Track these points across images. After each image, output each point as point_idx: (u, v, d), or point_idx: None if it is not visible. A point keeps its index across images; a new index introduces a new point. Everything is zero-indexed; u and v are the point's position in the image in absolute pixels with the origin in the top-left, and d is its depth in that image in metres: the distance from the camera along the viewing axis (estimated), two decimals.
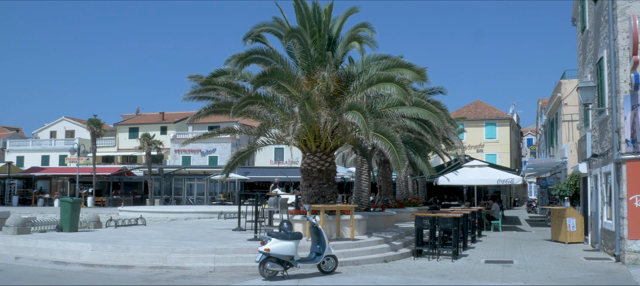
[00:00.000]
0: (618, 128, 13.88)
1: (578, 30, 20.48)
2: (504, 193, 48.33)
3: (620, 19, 13.94)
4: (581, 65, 20.01)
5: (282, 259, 11.19)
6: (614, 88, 14.05)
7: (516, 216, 35.48)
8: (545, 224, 26.72)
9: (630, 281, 11.38)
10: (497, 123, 52.50)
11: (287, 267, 11.38)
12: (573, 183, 21.75)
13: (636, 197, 13.48)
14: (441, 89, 22.68)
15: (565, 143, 26.00)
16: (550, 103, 33.51)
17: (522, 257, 14.94)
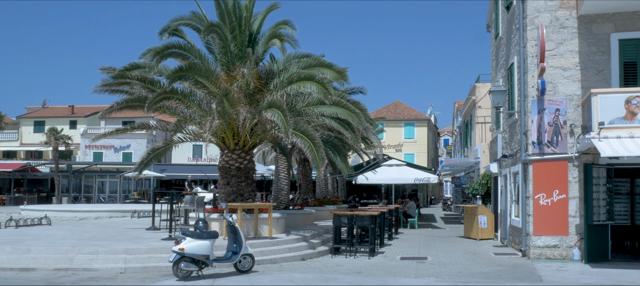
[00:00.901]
0: (526, 130, 14.57)
1: (492, 37, 21.37)
2: (421, 192, 49.79)
3: (529, 28, 14.64)
4: (494, 70, 20.89)
5: (197, 259, 10.89)
6: (523, 93, 14.73)
7: (432, 214, 36.58)
8: (459, 221, 27.70)
9: (533, 274, 11.95)
10: (416, 124, 54.03)
11: (203, 267, 11.09)
12: (485, 182, 22.67)
13: (541, 196, 14.20)
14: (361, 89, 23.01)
15: (479, 144, 27.06)
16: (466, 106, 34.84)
17: (436, 253, 15.37)
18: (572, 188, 14.06)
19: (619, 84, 13.94)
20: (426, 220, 29.80)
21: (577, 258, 13.80)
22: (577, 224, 13.99)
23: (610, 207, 14.00)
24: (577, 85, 14.21)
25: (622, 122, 12.77)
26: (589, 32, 14.26)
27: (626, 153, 11.78)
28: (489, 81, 26.38)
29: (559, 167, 14.12)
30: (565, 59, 14.31)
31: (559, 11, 14.45)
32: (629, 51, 14.04)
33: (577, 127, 14.06)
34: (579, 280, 11.36)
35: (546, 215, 14.14)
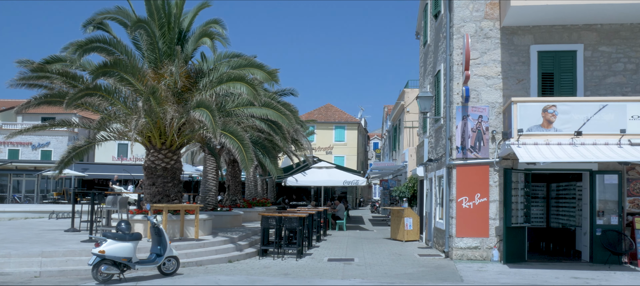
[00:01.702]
0: (450, 136, 15.05)
1: (421, 44, 21.94)
2: (351, 194, 50.40)
3: (456, 37, 15.13)
4: (422, 76, 21.45)
5: (119, 261, 10.52)
6: (449, 100, 15.20)
7: (361, 216, 37.08)
8: (386, 223, 28.21)
9: (455, 275, 12.34)
10: (346, 127, 54.67)
11: (124, 270, 10.73)
12: (411, 185, 23.21)
13: (464, 199, 14.69)
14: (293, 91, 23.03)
15: (406, 148, 27.70)
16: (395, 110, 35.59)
17: (363, 255, 15.58)
18: (492, 192, 14.64)
19: (538, 93, 14.65)
20: (355, 222, 30.16)
21: (496, 259, 14.36)
22: (497, 226, 14.57)
23: (527, 210, 14.68)
24: (499, 94, 14.82)
25: (540, 129, 13.43)
26: (511, 43, 14.91)
27: (542, 159, 12.39)
28: (417, 87, 27.06)
29: (481, 171, 14.67)
30: (488, 67, 14.89)
31: (484, 22, 15.02)
32: (547, 62, 14.78)
33: (498, 134, 14.66)
34: (497, 279, 11.82)
35: (468, 218, 14.65)
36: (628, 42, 14.71)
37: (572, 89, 14.64)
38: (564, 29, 14.82)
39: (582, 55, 14.74)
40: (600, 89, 14.62)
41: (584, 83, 14.66)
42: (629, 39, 14.71)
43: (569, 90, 14.63)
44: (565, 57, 14.77)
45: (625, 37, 14.73)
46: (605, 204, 14.27)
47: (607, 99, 13.56)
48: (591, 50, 14.75)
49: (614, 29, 14.76)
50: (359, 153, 56.07)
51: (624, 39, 14.73)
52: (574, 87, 14.66)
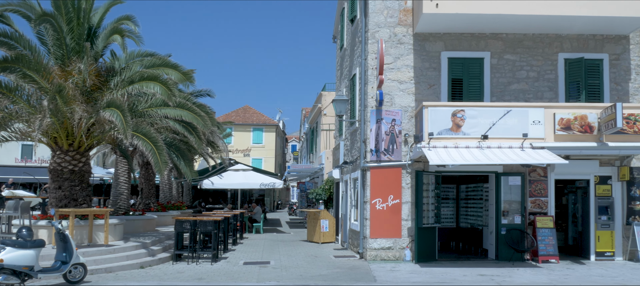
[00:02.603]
0: (365, 138, 15.35)
1: (338, 47, 22.24)
2: (268, 197, 50.24)
3: (371, 41, 15.46)
4: (339, 80, 21.75)
5: (19, 270, 9.90)
6: (363, 103, 15.51)
7: (278, 219, 37.04)
8: (303, 226, 28.32)
9: (369, 275, 12.58)
10: (264, 129, 54.47)
11: (25, 279, 10.11)
12: (328, 187, 23.43)
13: (378, 200, 15.02)
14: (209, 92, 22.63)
15: (323, 151, 27.96)
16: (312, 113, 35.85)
17: (279, 258, 15.56)
18: (405, 194, 15.07)
19: (448, 98, 15.25)
20: (272, 225, 30.09)
21: (408, 259, 14.79)
22: (409, 227, 15.00)
23: (438, 210, 15.23)
24: (411, 98, 15.29)
25: (449, 133, 13.98)
26: (423, 49, 15.44)
27: (451, 161, 12.89)
28: (334, 90, 27.41)
29: (394, 173, 15.06)
30: (401, 72, 15.33)
31: (397, 28, 15.45)
32: (456, 69, 15.42)
33: (411, 137, 15.13)
34: (409, 279, 12.17)
35: (382, 219, 14.99)
36: (531, 51, 15.62)
37: (480, 95, 15.36)
38: (472, 37, 15.52)
39: (489, 63, 15.50)
40: (505, 95, 15.43)
41: (490, 89, 15.43)
42: (532, 49, 15.63)
43: (476, 95, 15.34)
44: (473, 63, 15.47)
45: (528, 46, 15.64)
46: (509, 204, 15.06)
47: (511, 105, 14.33)
48: (497, 58, 15.54)
49: (518, 38, 15.64)
50: (277, 155, 56.04)
51: (527, 48, 15.63)
52: (482, 92, 15.38)
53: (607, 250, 15.27)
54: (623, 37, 15.81)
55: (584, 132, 14.19)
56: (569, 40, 15.71)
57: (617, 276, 12.66)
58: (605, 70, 15.71)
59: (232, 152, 48.50)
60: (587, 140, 14.20)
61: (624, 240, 15.39)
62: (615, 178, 15.45)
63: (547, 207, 15.27)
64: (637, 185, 15.42)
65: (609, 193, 15.39)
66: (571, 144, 14.14)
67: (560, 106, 14.47)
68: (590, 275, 12.80)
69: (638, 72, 15.84)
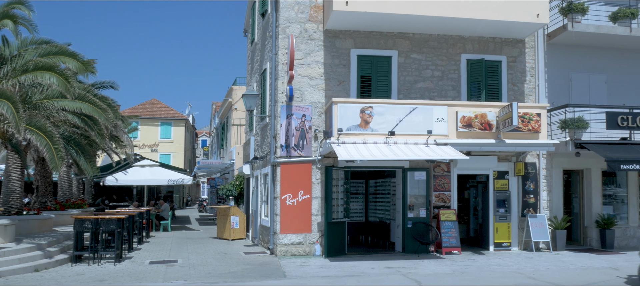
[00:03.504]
0: (275, 134, 15.27)
1: (249, 41, 21.98)
2: (177, 193, 48.98)
3: (281, 37, 15.38)
4: (249, 74, 21.51)
5: None
6: (274, 98, 15.42)
7: (187, 216, 36.21)
8: (213, 223, 27.85)
9: (279, 270, 12.54)
10: (173, 123, 52.93)
11: None
12: (238, 183, 23.18)
13: (288, 196, 15.00)
14: (112, 84, 21.62)
15: (234, 146, 27.60)
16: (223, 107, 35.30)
17: (187, 256, 15.17)
18: (315, 189, 15.15)
19: (357, 95, 15.48)
20: (181, 222, 29.36)
21: (318, 254, 14.89)
22: (319, 222, 15.10)
23: (347, 205, 15.44)
24: (321, 94, 15.38)
25: (358, 129, 14.19)
26: (333, 45, 15.57)
27: (359, 157, 13.10)
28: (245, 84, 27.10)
29: (304, 169, 15.09)
30: (312, 68, 15.38)
31: (308, 24, 15.48)
32: (365, 66, 15.69)
33: (321, 133, 15.22)
34: (318, 273, 12.25)
35: (292, 215, 14.99)
36: (436, 51, 16.18)
37: (388, 92, 15.72)
38: (381, 35, 15.85)
39: (397, 61, 15.90)
40: (411, 93, 15.89)
41: (398, 87, 15.83)
42: (437, 49, 16.20)
43: (384, 92, 15.68)
44: (382, 61, 15.80)
45: (433, 46, 16.19)
46: (415, 198, 15.54)
47: (417, 102, 14.77)
48: (404, 57, 15.97)
49: (424, 38, 16.15)
50: (186, 150, 54.69)
51: (433, 48, 16.18)
52: (389, 90, 15.75)
53: (504, 240, 16.14)
54: (520, 41, 16.74)
55: (483, 129, 14.89)
56: (471, 42, 16.43)
57: (512, 265, 13.41)
58: (503, 72, 16.58)
59: (139, 147, 46.77)
60: (487, 137, 14.93)
61: (519, 231, 16.33)
62: (512, 173, 16.36)
63: (450, 201, 15.91)
64: (531, 180, 16.41)
65: (506, 187, 16.27)
66: (472, 141, 14.80)
67: (463, 104, 15.10)
68: (489, 265, 13.47)
69: (533, 74, 16.84)
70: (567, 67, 17.29)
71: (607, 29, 16.61)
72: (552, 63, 17.09)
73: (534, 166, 16.45)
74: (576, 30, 16.28)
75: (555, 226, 16.32)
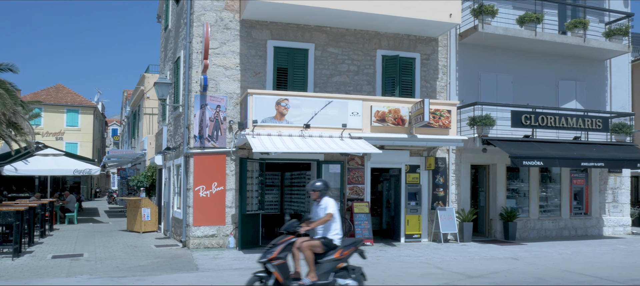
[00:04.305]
0: (188, 124, 14.90)
1: (162, 28, 21.29)
2: (85, 184, 46.83)
3: (196, 24, 14.99)
4: (163, 62, 20.86)
5: None
6: (187, 88, 15.02)
7: (96, 208, 34.77)
8: (124, 215, 26.89)
9: (191, 263, 12.27)
10: (80, 111, 50.41)
11: None
12: (150, 174, 22.48)
13: (201, 188, 14.70)
14: (11, 66, 20.10)
15: (146, 136, 26.74)
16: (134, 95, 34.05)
17: (94, 249, 14.53)
18: (229, 181, 14.94)
19: (273, 87, 15.38)
20: (89, 215, 28.11)
21: (232, 246, 14.71)
22: (233, 214, 14.92)
23: (262, 197, 15.35)
24: (237, 85, 15.16)
25: (273, 121, 14.12)
26: (250, 36, 15.37)
27: (274, 149, 13.03)
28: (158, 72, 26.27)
29: (218, 160, 14.84)
30: (227, 58, 15.11)
31: (224, 12, 15.18)
32: (282, 58, 15.61)
33: (235, 124, 15.01)
34: (231, 265, 12.10)
35: (205, 206, 14.71)
36: (352, 45, 16.37)
37: (304, 85, 15.74)
38: (298, 27, 15.82)
39: (314, 54, 15.94)
40: (327, 86, 15.99)
41: (314, 80, 15.88)
42: (353, 43, 16.39)
43: (301, 85, 15.69)
44: (298, 54, 15.79)
45: (350, 41, 16.37)
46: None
47: (333, 96, 14.89)
48: (321, 50, 16.04)
49: (341, 32, 16.29)
50: (95, 139, 52.32)
51: (349, 42, 16.36)
52: (306, 82, 15.78)
53: (415, 232, 16.66)
54: (433, 39, 17.28)
55: (397, 124, 15.26)
56: (386, 38, 16.76)
57: (421, 256, 13.86)
58: (417, 68, 17.05)
59: (42, 135, 44.22)
60: (400, 132, 15.31)
61: (429, 223, 16.91)
62: (423, 167, 16.90)
63: (364, 194, 16.20)
64: (441, 174, 17.02)
65: (418, 181, 16.78)
66: (385, 135, 15.13)
67: (377, 99, 15.39)
68: (400, 255, 13.85)
69: (445, 72, 17.44)
70: (477, 66, 18.06)
71: (515, 32, 17.49)
72: (463, 62, 17.78)
73: (444, 161, 17.08)
74: (486, 31, 17.02)
75: (462, 218, 17.03)
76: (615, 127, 18.36)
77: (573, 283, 10.63)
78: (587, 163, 16.66)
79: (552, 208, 19.14)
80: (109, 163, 35.13)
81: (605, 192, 19.79)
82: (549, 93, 19.01)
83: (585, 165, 16.70)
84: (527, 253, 14.65)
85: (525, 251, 15.02)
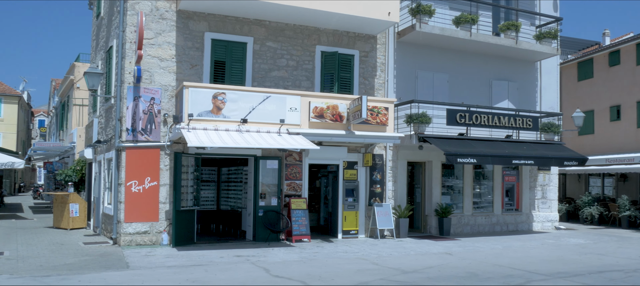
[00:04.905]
0: (121, 116, 14.33)
1: (94, 15, 20.44)
2: (8, 178, 44.51)
3: (130, 13, 14.43)
4: (94, 51, 20.02)
5: None
6: (120, 79, 14.44)
7: (20, 203, 33.17)
8: (50, 211, 25.71)
9: (121, 261, 11.81)
10: (3, 100, 47.75)
11: None
12: (80, 168, 21.57)
13: (133, 183, 14.18)
14: None
15: (75, 128, 25.67)
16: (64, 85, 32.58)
17: (16, 247, 13.75)
18: (163, 176, 14.49)
19: (210, 80, 15.03)
20: (11, 210, 26.72)
21: (166, 243, 14.28)
22: (167, 210, 14.48)
23: (197, 193, 14.98)
24: (172, 77, 14.71)
25: (210, 115, 13.78)
26: (187, 27, 14.94)
27: (210, 144, 12.72)
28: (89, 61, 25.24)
29: (152, 154, 14.36)
30: (163, 49, 14.63)
31: (160, 2, 14.69)
32: (220, 51, 15.27)
33: (170, 117, 14.56)
34: (164, 262, 11.73)
35: (138, 202, 14.21)
36: (291, 40, 16.22)
37: (242, 79, 15.46)
38: (237, 20, 15.52)
39: (252, 48, 15.69)
40: (266, 81, 15.78)
41: (252, 74, 15.63)
42: (293, 38, 16.25)
43: (239, 79, 15.41)
44: (237, 47, 15.49)
45: (289, 36, 16.21)
46: (267, 187, 15.50)
47: (271, 91, 14.70)
48: (260, 44, 15.81)
49: (281, 27, 16.10)
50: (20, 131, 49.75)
51: (289, 37, 16.20)
52: (244, 76, 15.51)
53: (352, 228, 16.73)
54: (372, 36, 17.38)
55: (335, 120, 15.24)
56: (326, 34, 16.71)
57: (358, 252, 13.92)
58: (356, 65, 17.10)
59: None
60: (338, 129, 15.31)
61: (366, 220, 17.02)
62: (361, 164, 16.98)
63: (301, 190, 16.11)
64: (378, 170, 17.16)
65: (355, 178, 16.85)
66: (324, 131, 15.09)
67: (315, 95, 15.31)
68: (336, 252, 13.85)
69: (383, 70, 17.59)
70: (415, 65, 18.32)
71: (451, 32, 17.84)
72: (401, 60, 17.99)
73: (381, 157, 17.23)
74: (423, 30, 17.28)
75: (399, 215, 17.25)
76: (545, 127, 19.09)
77: (503, 276, 10.93)
78: (518, 161, 17.23)
79: (485, 205, 19.71)
80: (34, 156, 33.56)
81: (535, 188, 20.57)
82: (483, 93, 19.54)
83: (516, 162, 17.26)
84: (461, 248, 14.99)
85: (459, 247, 15.37)
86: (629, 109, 25.44)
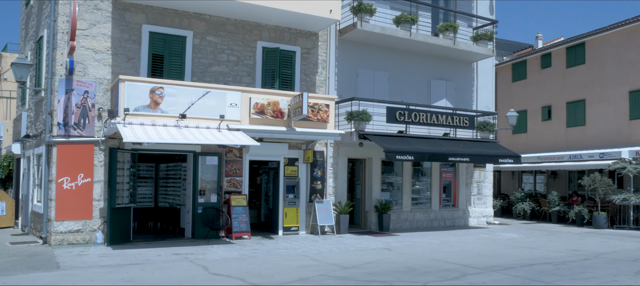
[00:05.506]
0: (51, 110, 13.73)
1: (23, 3, 19.52)
2: None
3: (62, 2, 13.84)
4: (23, 40, 19.12)
5: None
6: (51, 70, 13.84)
7: None
8: None
9: (52, 261, 11.31)
10: None
11: None
12: (7, 164, 20.60)
13: (65, 179, 13.63)
14: None
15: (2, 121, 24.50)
16: None
17: None
18: (97, 172, 13.99)
19: (148, 74, 14.62)
20: None
21: (100, 242, 13.81)
22: (101, 208, 14.00)
23: (133, 190, 14.55)
24: (108, 70, 14.22)
25: (147, 110, 13.40)
26: (123, 19, 14.47)
27: (147, 139, 12.37)
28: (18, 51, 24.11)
29: (85, 150, 13.84)
30: (97, 41, 14.12)
31: None
32: (158, 44, 14.88)
33: (105, 111, 14.08)
34: (98, 262, 11.32)
35: (70, 200, 13.67)
36: (232, 35, 16.00)
37: (181, 73, 15.13)
38: (176, 13, 15.16)
39: (192, 42, 15.37)
40: (206, 76, 15.51)
41: (192, 68, 15.32)
42: (234, 33, 16.03)
43: (177, 73, 15.07)
44: (176, 41, 15.14)
45: (230, 30, 15.98)
46: (207, 184, 15.24)
47: (211, 86, 14.45)
48: (200, 39, 15.51)
49: (221, 21, 15.85)
50: None
51: (229, 32, 15.97)
52: (183, 71, 15.18)
53: (293, 225, 16.69)
54: (313, 34, 17.38)
55: (276, 117, 15.16)
56: (267, 30, 16.58)
57: (298, 248, 13.89)
58: (297, 62, 17.06)
59: None
60: (279, 125, 15.23)
61: (307, 216, 17.03)
62: (302, 161, 16.97)
63: (241, 186, 15.93)
64: (319, 167, 17.20)
65: (296, 174, 16.82)
66: (264, 128, 14.97)
67: (256, 91, 15.17)
68: (277, 248, 13.78)
69: (324, 67, 17.62)
70: (356, 62, 18.46)
71: (391, 31, 18.07)
72: (342, 58, 18.08)
73: (322, 154, 17.27)
74: (364, 29, 17.43)
75: (339, 211, 17.34)
76: (480, 125, 19.66)
77: (439, 270, 11.16)
78: (454, 158, 17.67)
79: (423, 201, 20.11)
80: None
81: (471, 185, 21.16)
82: (422, 92, 19.92)
83: (452, 160, 17.69)
84: (400, 244, 15.23)
85: (397, 242, 15.60)
86: (559, 110, 26.59)
